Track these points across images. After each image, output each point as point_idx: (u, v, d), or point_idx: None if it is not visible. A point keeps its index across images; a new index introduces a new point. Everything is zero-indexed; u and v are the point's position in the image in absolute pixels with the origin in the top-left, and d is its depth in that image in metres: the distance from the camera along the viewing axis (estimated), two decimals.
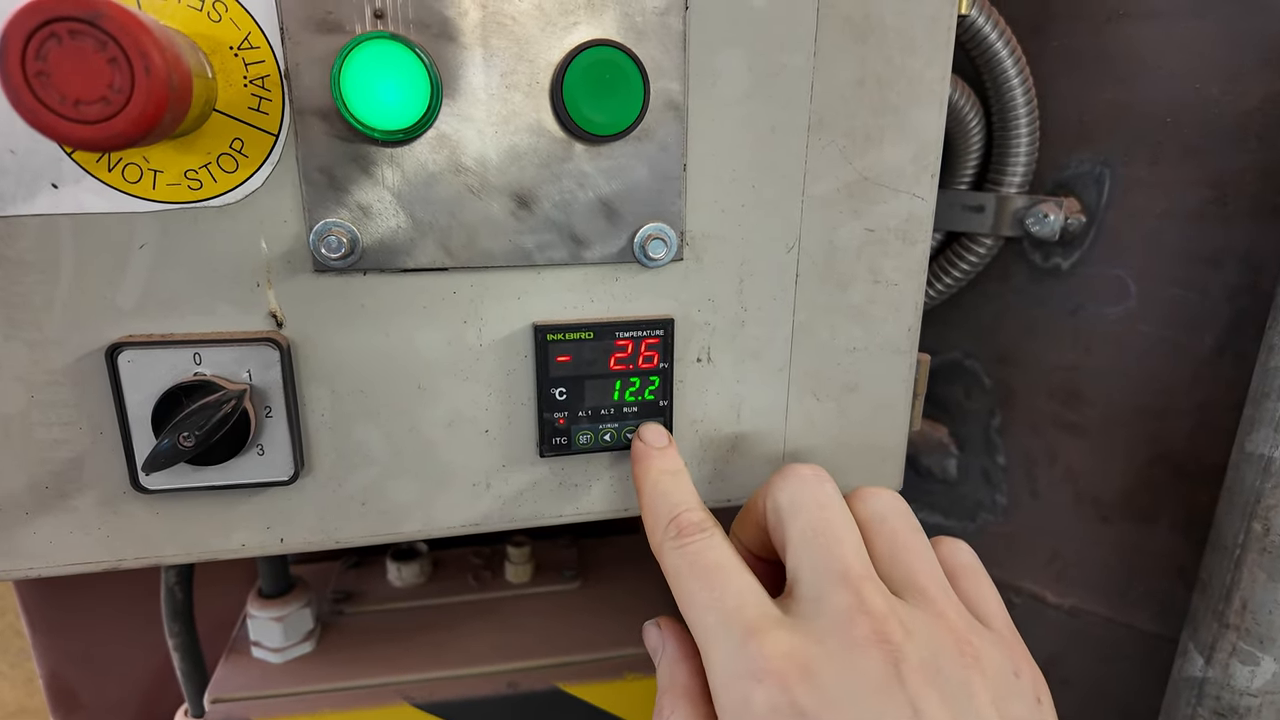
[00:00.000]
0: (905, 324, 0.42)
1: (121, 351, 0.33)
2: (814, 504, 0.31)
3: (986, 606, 0.31)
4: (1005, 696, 0.27)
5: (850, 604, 0.28)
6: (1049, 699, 0.29)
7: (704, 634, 0.28)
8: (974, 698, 0.26)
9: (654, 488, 0.35)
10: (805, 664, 0.26)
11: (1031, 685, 0.29)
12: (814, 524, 0.30)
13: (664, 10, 0.34)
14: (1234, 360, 0.50)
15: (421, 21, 0.32)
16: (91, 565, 0.36)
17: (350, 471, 0.38)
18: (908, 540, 0.31)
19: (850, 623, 0.27)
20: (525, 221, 0.35)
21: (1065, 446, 0.57)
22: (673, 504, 0.33)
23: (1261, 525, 0.44)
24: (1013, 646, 0.30)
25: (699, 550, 0.30)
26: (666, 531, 0.32)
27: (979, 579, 0.32)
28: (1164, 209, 0.50)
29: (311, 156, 0.33)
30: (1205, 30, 0.47)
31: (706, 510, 0.33)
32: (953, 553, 0.33)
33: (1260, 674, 0.46)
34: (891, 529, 0.32)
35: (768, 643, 0.27)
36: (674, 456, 0.37)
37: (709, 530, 0.31)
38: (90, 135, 0.25)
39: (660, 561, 0.32)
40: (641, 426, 0.39)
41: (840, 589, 0.28)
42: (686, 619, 0.29)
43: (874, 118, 0.38)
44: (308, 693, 0.56)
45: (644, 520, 0.34)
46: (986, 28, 0.48)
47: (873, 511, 0.32)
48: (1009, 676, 0.28)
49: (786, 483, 0.32)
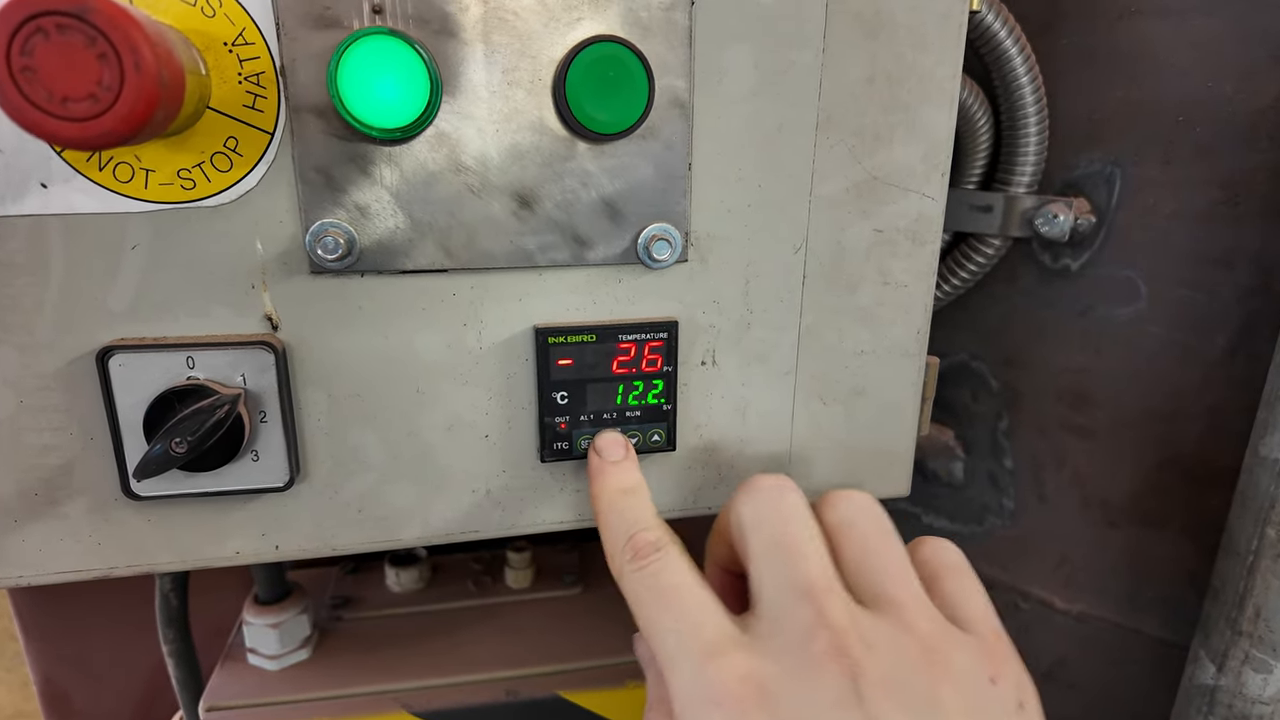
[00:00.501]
0: (914, 326, 0.41)
1: (113, 355, 0.32)
2: (775, 517, 0.30)
3: (970, 607, 0.30)
4: (979, 706, 0.27)
5: (810, 620, 0.27)
6: (1035, 704, 0.28)
7: (664, 657, 0.28)
8: (940, 709, 0.26)
9: (609, 509, 0.34)
10: (762, 686, 0.26)
11: (1014, 691, 0.28)
12: (775, 537, 0.30)
13: (669, 5, 0.33)
14: (1246, 362, 0.49)
15: (421, 17, 0.31)
16: (83, 573, 0.35)
17: (347, 477, 0.37)
18: (877, 545, 0.30)
19: (809, 639, 0.26)
20: (527, 222, 0.35)
21: (1074, 450, 0.56)
22: (628, 524, 0.32)
23: (1275, 531, 0.43)
24: (994, 651, 0.28)
25: (655, 571, 0.30)
26: (623, 553, 0.31)
27: (963, 578, 0.31)
28: (1175, 209, 0.49)
29: (308, 155, 0.32)
30: (1217, 28, 0.46)
31: (664, 527, 0.32)
32: (936, 552, 0.32)
33: (1273, 682, 0.45)
34: (861, 534, 0.31)
35: (725, 666, 0.26)
36: (630, 471, 0.35)
37: (664, 549, 0.30)
38: (79, 133, 0.24)
39: (619, 584, 0.31)
40: (597, 437, 0.37)
41: (801, 604, 0.27)
42: (649, 642, 0.29)
43: (884, 116, 0.37)
44: (304, 700, 0.55)
45: (602, 540, 0.33)
46: (996, 25, 0.48)
47: (841, 517, 0.31)
48: (984, 684, 0.27)
49: (748, 496, 0.31)
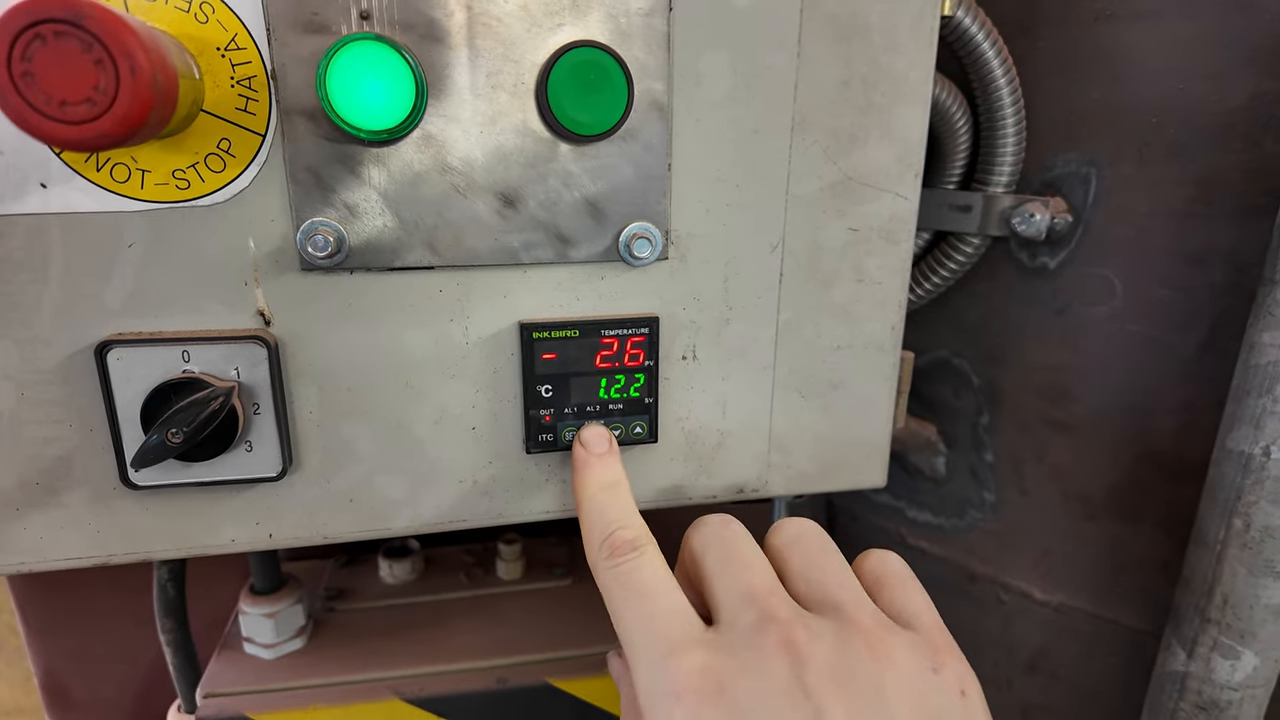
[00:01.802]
0: (889, 322, 0.42)
1: (110, 349, 0.33)
2: (720, 540, 0.32)
3: (912, 610, 0.32)
4: (922, 694, 0.28)
5: (758, 617, 0.29)
6: (977, 692, 0.29)
7: (632, 653, 0.29)
8: (882, 695, 0.27)
9: (590, 503, 0.35)
10: (719, 679, 0.27)
11: (955, 680, 0.29)
12: (722, 556, 0.32)
13: (648, 11, 0.34)
14: (1218, 359, 0.50)
15: (407, 22, 0.32)
16: (82, 560, 0.37)
17: (338, 468, 0.38)
18: (819, 557, 0.33)
19: (759, 633, 0.28)
20: (511, 221, 0.36)
21: (1053, 445, 0.58)
22: (607, 521, 0.33)
23: (1242, 521, 0.44)
24: (935, 643, 0.30)
25: (629, 570, 0.31)
26: (601, 550, 0.32)
27: (905, 584, 0.33)
28: (1150, 208, 0.50)
29: (298, 156, 0.33)
30: (1190, 31, 0.47)
31: (642, 526, 0.33)
32: (879, 562, 0.34)
33: (1241, 668, 0.46)
34: (803, 547, 0.33)
35: (685, 661, 0.27)
36: (613, 465, 0.37)
37: (641, 548, 0.32)
38: (76, 135, 0.25)
39: (596, 579, 0.32)
40: (582, 429, 0.39)
41: (748, 606, 0.29)
42: (619, 638, 0.30)
43: (858, 118, 0.38)
44: (299, 688, 0.56)
45: (582, 534, 0.34)
46: (973, 28, 0.49)
47: (786, 537, 0.34)
48: (926, 673, 0.29)
49: (697, 530, 0.34)
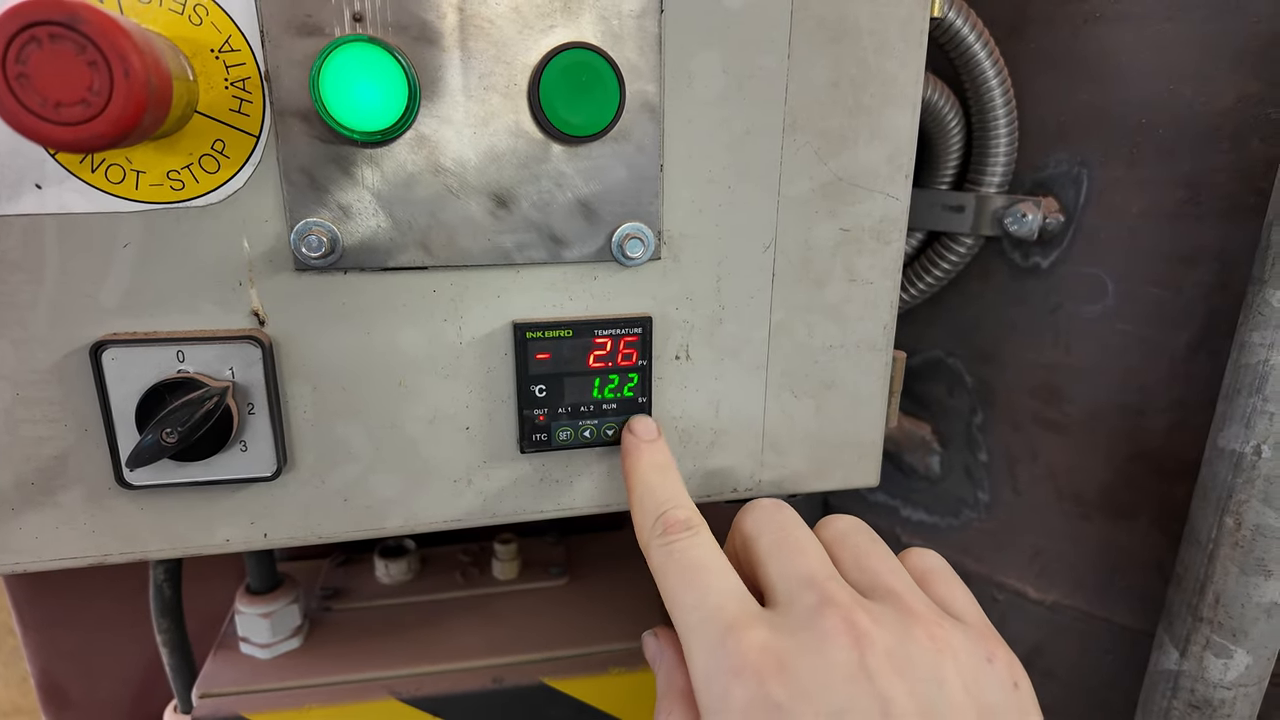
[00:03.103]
0: (881, 322, 0.42)
1: (105, 349, 0.33)
2: (775, 524, 0.33)
3: (957, 605, 0.32)
4: (978, 681, 0.28)
5: (818, 600, 0.28)
6: (1028, 685, 0.29)
7: (686, 632, 0.29)
8: (945, 684, 0.27)
9: (642, 483, 0.35)
10: (780, 657, 0.27)
11: (1007, 671, 0.29)
12: (777, 539, 0.32)
13: (640, 13, 0.35)
14: (1208, 358, 0.50)
15: (400, 24, 0.32)
16: (77, 560, 0.37)
17: (333, 468, 0.38)
18: (871, 550, 0.33)
19: (819, 616, 0.28)
20: (504, 221, 0.36)
21: (1046, 444, 0.58)
22: (659, 501, 0.34)
23: (1234, 520, 0.45)
24: (986, 636, 0.30)
25: (684, 549, 0.31)
26: (654, 529, 0.32)
27: (949, 580, 0.33)
28: (1141, 209, 0.51)
29: (292, 157, 0.33)
30: (1178, 33, 0.47)
31: (694, 508, 0.33)
32: (921, 558, 0.34)
33: (1233, 666, 0.46)
34: (854, 543, 0.33)
35: (745, 638, 0.27)
36: (663, 450, 0.37)
37: (694, 528, 0.32)
38: (71, 137, 0.25)
39: (647, 558, 0.32)
40: (632, 419, 0.39)
41: (807, 589, 0.29)
42: (671, 616, 0.30)
43: (848, 119, 0.39)
44: (295, 688, 0.56)
45: (633, 516, 0.35)
46: (964, 29, 0.49)
47: (835, 531, 0.34)
48: (982, 663, 0.29)
49: (750, 513, 0.34)
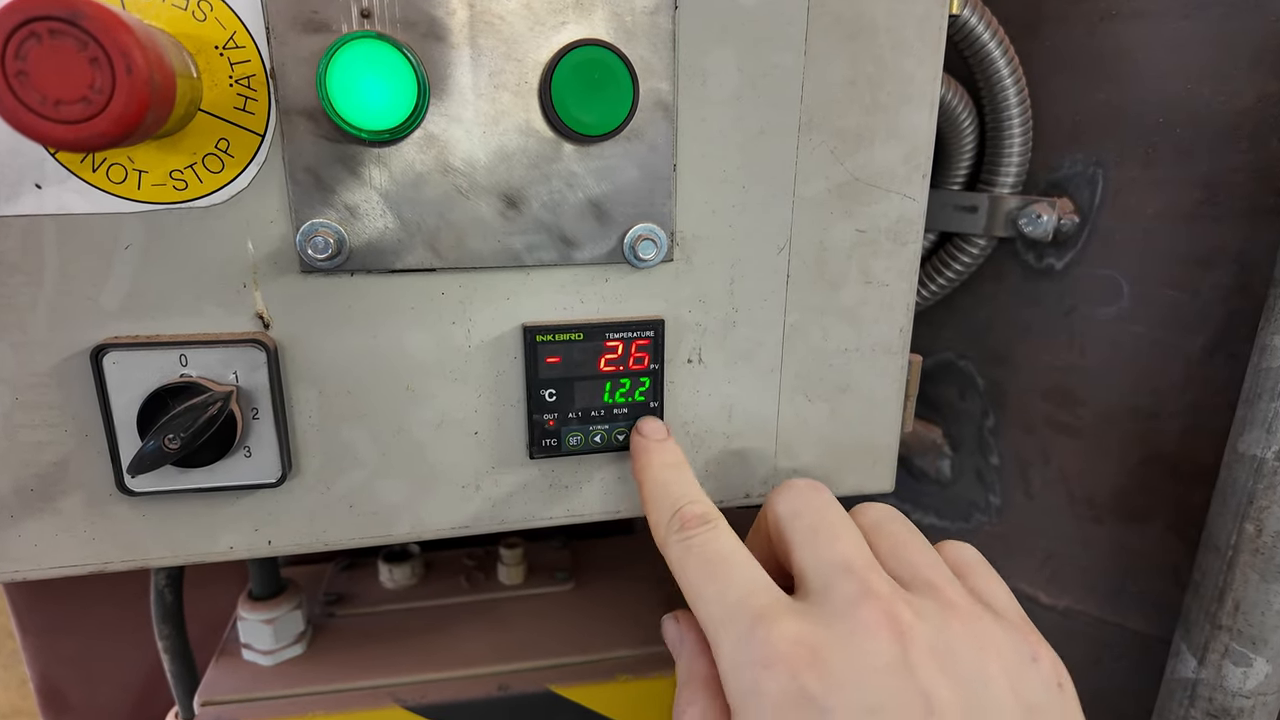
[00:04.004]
0: (897, 325, 0.42)
1: (106, 353, 0.32)
2: (810, 508, 0.32)
3: (996, 600, 0.31)
4: (1023, 680, 0.27)
5: (856, 590, 0.27)
6: (1071, 686, 0.28)
7: (712, 625, 0.28)
8: (990, 682, 0.26)
9: (655, 481, 0.35)
10: (814, 649, 0.26)
11: (1052, 670, 0.28)
12: (813, 523, 0.31)
13: (653, 9, 0.34)
14: (1226, 361, 0.50)
15: (409, 20, 0.32)
16: (78, 568, 0.36)
17: (338, 473, 0.37)
18: (909, 540, 0.32)
19: (857, 606, 0.27)
20: (514, 222, 0.35)
21: (1059, 447, 0.57)
22: (675, 497, 0.33)
23: (1254, 526, 0.44)
24: (1028, 634, 0.29)
25: (703, 542, 0.30)
26: (670, 525, 0.32)
27: (986, 574, 0.32)
28: (1157, 210, 0.50)
29: (298, 157, 0.32)
30: (1195, 31, 0.47)
31: (710, 502, 0.33)
32: (958, 551, 0.33)
33: (1253, 675, 0.46)
34: (891, 531, 0.32)
35: (775, 629, 0.26)
36: (673, 449, 0.37)
37: (712, 522, 0.31)
38: (71, 135, 0.25)
39: (665, 555, 0.32)
40: (640, 420, 0.39)
41: (845, 578, 0.28)
42: (695, 612, 0.29)
43: (865, 118, 0.38)
44: (298, 695, 0.55)
45: (648, 515, 0.34)
46: (979, 28, 0.48)
47: (871, 520, 0.33)
48: (1026, 661, 0.28)
49: (784, 494, 0.33)
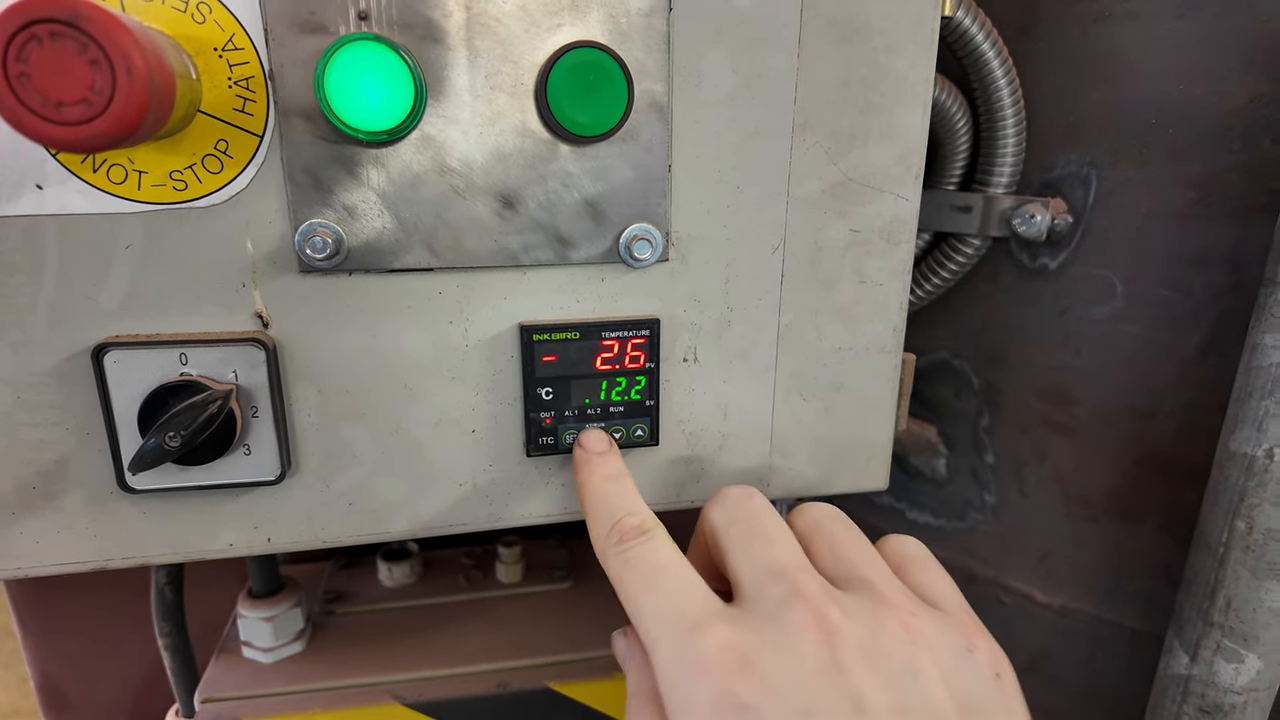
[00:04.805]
0: (891, 324, 0.42)
1: (107, 352, 0.33)
2: (744, 514, 0.32)
3: (937, 592, 0.31)
4: (957, 674, 0.27)
5: (786, 592, 0.28)
6: (1010, 675, 0.29)
7: (648, 636, 0.28)
8: (920, 676, 0.26)
9: (595, 494, 0.35)
10: (745, 654, 0.26)
11: (989, 661, 0.28)
12: (746, 530, 0.31)
13: (648, 12, 0.34)
14: (1219, 360, 0.50)
15: (405, 23, 0.32)
16: (79, 565, 0.36)
17: (337, 471, 0.38)
18: (845, 539, 0.32)
19: (787, 609, 0.27)
20: (511, 222, 0.36)
21: (1053, 446, 0.57)
22: (613, 509, 0.33)
23: (1245, 524, 0.44)
24: (966, 625, 0.29)
25: (640, 554, 0.30)
26: (609, 538, 0.31)
27: (927, 567, 0.32)
28: (1150, 209, 0.50)
29: (296, 157, 0.33)
30: (1188, 31, 0.47)
31: (648, 513, 0.33)
32: (900, 545, 0.33)
33: (1245, 671, 0.46)
34: (829, 531, 0.32)
35: (708, 636, 0.26)
36: (614, 461, 0.37)
37: (649, 532, 0.31)
38: (72, 137, 0.25)
39: (605, 568, 0.31)
40: (581, 433, 0.39)
41: (776, 582, 0.28)
42: (634, 624, 0.29)
43: (858, 119, 0.38)
44: (298, 692, 0.56)
45: (588, 527, 0.34)
46: (973, 29, 0.49)
47: (809, 520, 0.33)
48: (961, 653, 0.28)
49: (718, 503, 0.33)
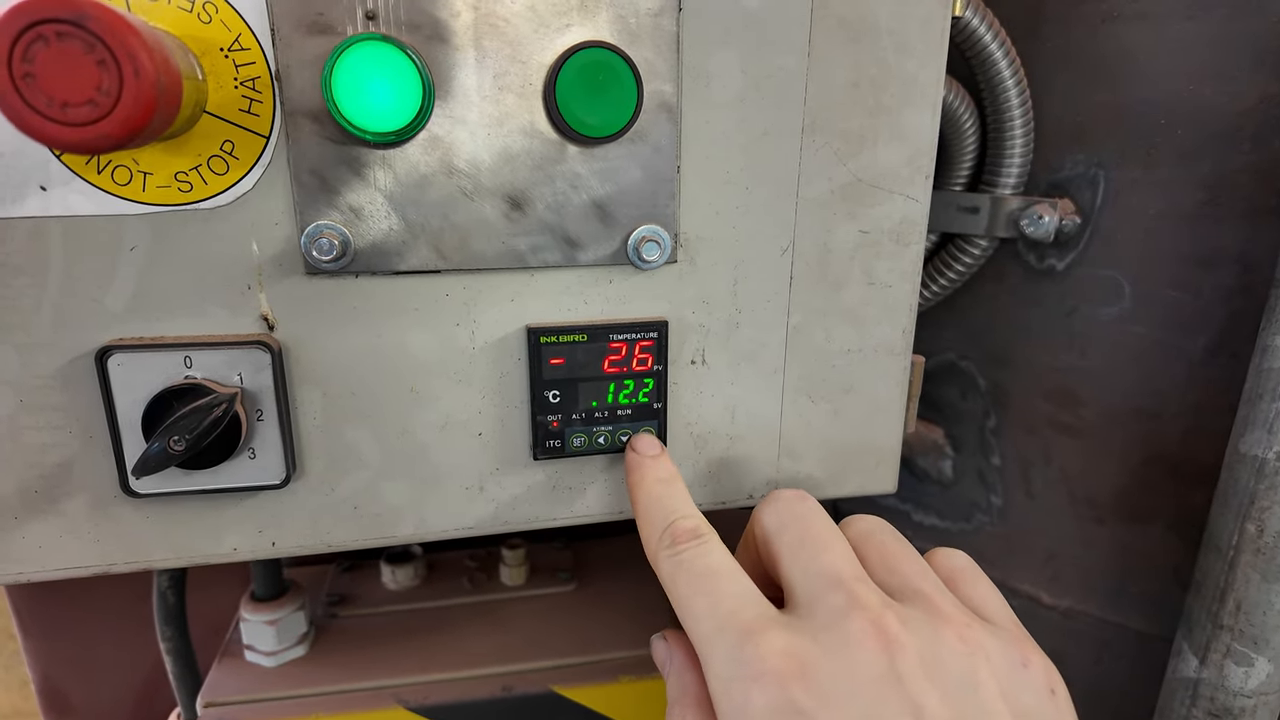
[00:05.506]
0: (900, 326, 0.42)
1: (111, 355, 0.32)
2: (797, 519, 0.32)
3: (987, 606, 0.31)
4: (1014, 687, 0.27)
5: (844, 602, 0.28)
6: (1064, 691, 0.28)
7: (701, 640, 0.28)
8: (979, 689, 0.26)
9: (648, 496, 0.35)
10: (802, 662, 0.26)
11: (1044, 676, 0.28)
12: (800, 535, 0.31)
13: (657, 12, 0.34)
14: (1228, 362, 0.50)
15: (413, 23, 0.32)
16: (81, 570, 0.36)
17: (342, 475, 0.37)
18: (897, 550, 0.32)
19: (845, 619, 0.27)
20: (518, 223, 0.35)
21: (1060, 448, 0.57)
22: (667, 511, 0.33)
23: (1255, 526, 0.44)
24: (1019, 640, 0.29)
25: (693, 557, 0.30)
26: (661, 540, 0.32)
27: (977, 580, 0.32)
28: (1158, 210, 0.50)
29: (303, 158, 0.32)
30: (1198, 32, 0.47)
31: (701, 517, 0.33)
32: (949, 558, 0.33)
33: (1255, 675, 0.46)
34: (880, 541, 0.32)
35: (764, 642, 0.26)
36: (667, 464, 0.37)
37: (703, 536, 0.31)
38: (78, 138, 0.25)
39: (656, 570, 0.32)
40: (634, 437, 0.39)
41: (833, 590, 0.28)
42: (685, 626, 0.29)
43: (868, 119, 0.38)
44: (301, 696, 0.55)
45: (640, 529, 0.34)
46: (981, 29, 0.48)
47: (859, 530, 0.33)
48: (1017, 667, 0.28)
49: (770, 505, 0.33)
